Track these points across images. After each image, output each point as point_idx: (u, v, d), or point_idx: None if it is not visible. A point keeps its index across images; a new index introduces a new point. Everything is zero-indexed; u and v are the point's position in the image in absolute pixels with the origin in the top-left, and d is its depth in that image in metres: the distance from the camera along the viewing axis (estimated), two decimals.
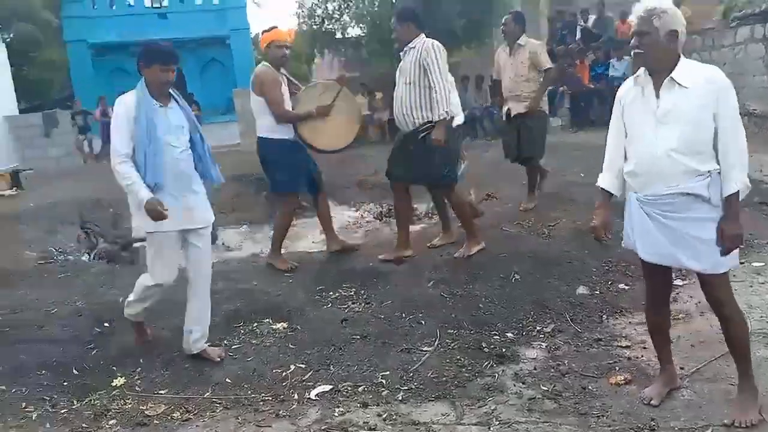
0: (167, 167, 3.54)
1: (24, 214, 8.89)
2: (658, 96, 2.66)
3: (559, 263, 4.67)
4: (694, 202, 2.62)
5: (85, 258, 7.22)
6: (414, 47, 4.62)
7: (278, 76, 4.81)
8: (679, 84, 2.61)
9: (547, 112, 5.98)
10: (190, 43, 21.46)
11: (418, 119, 4.59)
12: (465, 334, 3.90)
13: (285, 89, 4.88)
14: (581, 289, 4.35)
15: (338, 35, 14.51)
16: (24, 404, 3.57)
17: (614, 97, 2.92)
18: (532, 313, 4.09)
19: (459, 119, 5.26)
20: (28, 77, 19.12)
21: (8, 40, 17.10)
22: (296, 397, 3.38)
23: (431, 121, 4.56)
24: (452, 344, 3.79)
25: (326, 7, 13.90)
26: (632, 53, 2.74)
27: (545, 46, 5.98)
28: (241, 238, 8.86)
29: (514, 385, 3.26)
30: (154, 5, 21.95)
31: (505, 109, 5.90)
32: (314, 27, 14.06)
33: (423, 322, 4.04)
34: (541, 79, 5.72)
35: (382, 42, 12.86)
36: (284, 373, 3.62)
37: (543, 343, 3.73)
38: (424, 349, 3.75)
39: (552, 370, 3.38)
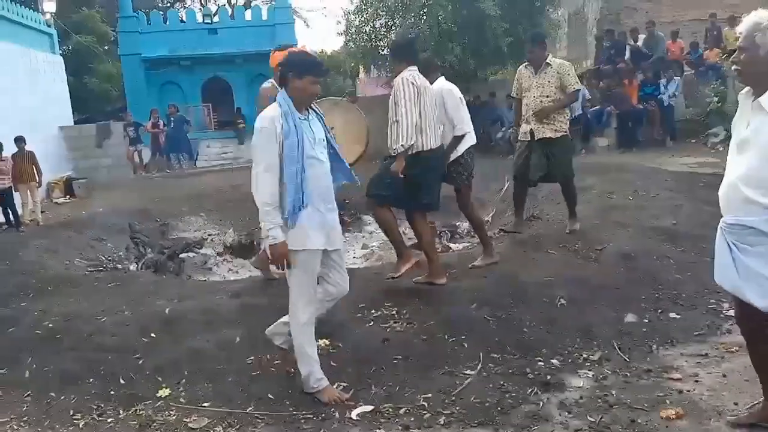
0: (314, 183, 3.35)
1: (76, 222, 9.18)
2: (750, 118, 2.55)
3: (607, 289, 4.56)
4: (758, 235, 2.50)
5: (132, 267, 7.41)
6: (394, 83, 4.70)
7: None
8: (764, 109, 2.47)
9: (568, 133, 5.78)
10: (238, 58, 21.93)
11: (391, 149, 4.61)
12: (509, 359, 3.84)
13: None
14: (630, 317, 4.24)
15: (384, 51, 14.60)
16: (72, 412, 3.67)
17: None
18: (578, 339, 4.00)
19: (470, 139, 5.13)
20: (84, 89, 19.79)
21: (67, 52, 17.76)
22: (337, 416, 3.37)
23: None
24: (495, 369, 3.73)
25: (374, 24, 14.02)
26: (732, 68, 2.64)
27: (573, 67, 5.75)
28: None
29: (560, 415, 3.18)
30: (205, 21, 22.50)
31: (525, 128, 5.66)
32: (361, 44, 14.19)
33: (465, 345, 4.00)
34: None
35: None
36: None
37: (589, 372, 3.64)
38: (466, 372, 3.70)
39: (599, 401, 3.29)
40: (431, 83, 4.94)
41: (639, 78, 11.99)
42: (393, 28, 13.83)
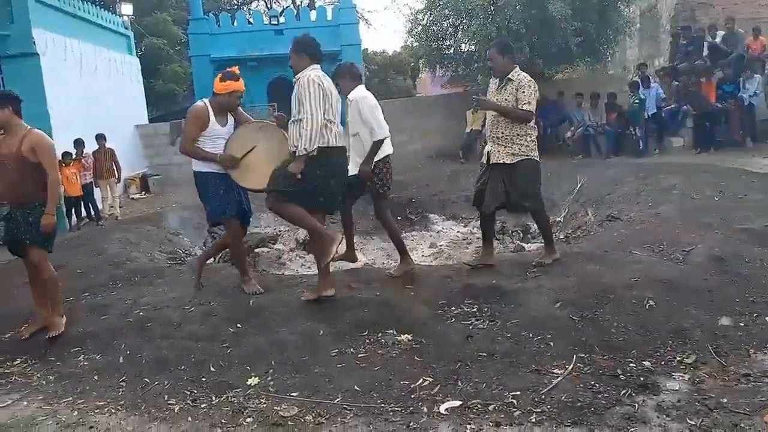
0: None
1: (153, 217, 9.53)
2: None
3: (698, 291, 4.40)
4: None
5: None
6: (298, 79, 4.60)
7: (208, 114, 4.91)
8: None
9: (537, 159, 4.97)
10: None
11: (291, 147, 4.55)
12: (598, 359, 3.75)
13: (229, 124, 5.04)
14: (724, 320, 4.08)
15: (450, 52, 14.55)
16: (166, 397, 3.80)
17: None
18: (670, 342, 3.87)
19: (387, 148, 5.01)
20: (157, 89, 20.48)
21: (141, 53, 18.43)
22: (425, 410, 3.38)
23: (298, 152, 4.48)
24: (585, 369, 3.66)
25: (442, 24, 13.99)
26: None
27: (535, 85, 4.86)
28: None
29: (658, 417, 3.09)
30: (271, 22, 22.92)
31: (485, 150, 5.11)
32: (427, 43, 14.17)
33: (552, 344, 3.93)
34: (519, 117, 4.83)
35: None
36: (412, 385, 3.63)
37: (685, 375, 3.52)
38: (555, 371, 3.64)
39: (698, 404, 3.18)
40: (349, 91, 5.01)
41: (717, 76, 11.54)
42: (460, 28, 13.76)
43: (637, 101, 11.48)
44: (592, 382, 3.49)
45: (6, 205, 4.62)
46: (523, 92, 4.78)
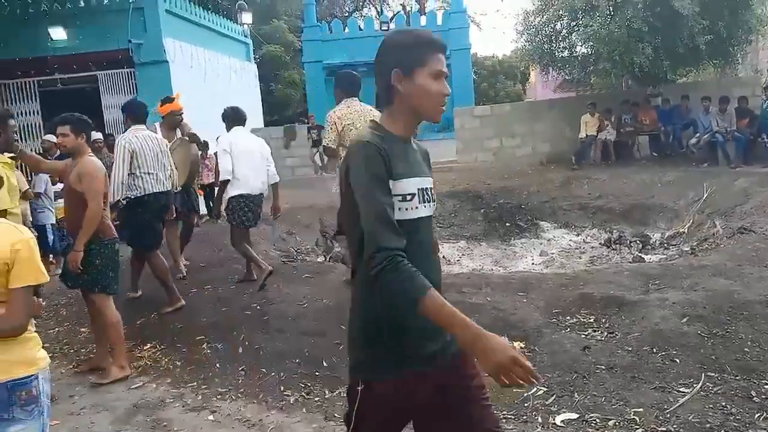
0: None
1: (267, 217, 9.90)
2: None
3: None
4: None
5: (320, 260, 7.83)
6: None
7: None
8: None
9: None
10: None
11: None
12: (729, 379, 3.49)
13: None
14: None
15: (564, 54, 14.10)
16: (282, 388, 3.93)
17: None
18: None
19: (238, 187, 5.56)
20: (274, 94, 21.39)
21: (258, 60, 19.31)
22: (540, 420, 3.28)
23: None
24: (714, 389, 3.41)
25: (555, 25, 13.60)
26: None
27: (330, 122, 5.00)
28: (459, 253, 8.99)
29: None
30: (382, 28, 23.32)
31: None
32: (539, 46, 13.82)
33: (677, 360, 3.70)
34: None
35: (613, 62, 12.25)
36: (525, 394, 3.53)
37: None
38: (681, 389, 3.43)
39: None
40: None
41: None
42: (575, 29, 13.32)
43: None
44: (723, 403, 3.26)
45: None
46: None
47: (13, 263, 1.93)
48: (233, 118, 5.92)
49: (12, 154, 4.43)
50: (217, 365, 4.32)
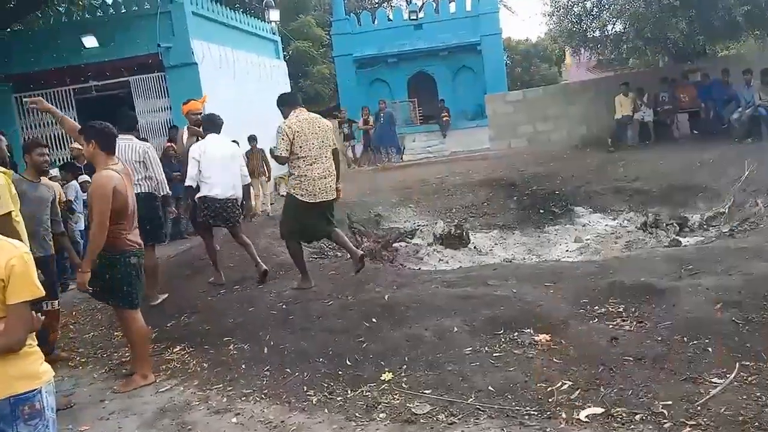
0: None
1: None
2: None
3: None
4: None
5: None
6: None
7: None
8: None
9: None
10: (442, 52, 22.23)
11: None
12: (765, 369, 3.33)
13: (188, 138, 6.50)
14: None
15: (595, 33, 13.72)
16: (305, 388, 3.92)
17: None
18: None
19: (207, 189, 5.92)
20: (305, 90, 21.43)
21: (288, 57, 19.38)
22: (564, 415, 3.19)
23: None
24: (749, 379, 3.26)
25: (584, 5, 13.24)
26: None
27: (286, 136, 5.41)
28: (491, 243, 8.86)
29: None
30: (410, 17, 23.11)
31: None
32: (568, 26, 13.48)
33: (710, 350, 3.55)
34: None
35: (646, 39, 11.86)
36: (549, 388, 3.44)
37: None
38: (713, 380, 3.28)
39: None
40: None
41: None
42: (605, 7, 12.94)
43: None
44: (758, 394, 3.11)
45: None
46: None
47: (8, 279, 1.95)
48: (207, 125, 6.23)
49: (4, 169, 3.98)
50: (243, 366, 4.35)
